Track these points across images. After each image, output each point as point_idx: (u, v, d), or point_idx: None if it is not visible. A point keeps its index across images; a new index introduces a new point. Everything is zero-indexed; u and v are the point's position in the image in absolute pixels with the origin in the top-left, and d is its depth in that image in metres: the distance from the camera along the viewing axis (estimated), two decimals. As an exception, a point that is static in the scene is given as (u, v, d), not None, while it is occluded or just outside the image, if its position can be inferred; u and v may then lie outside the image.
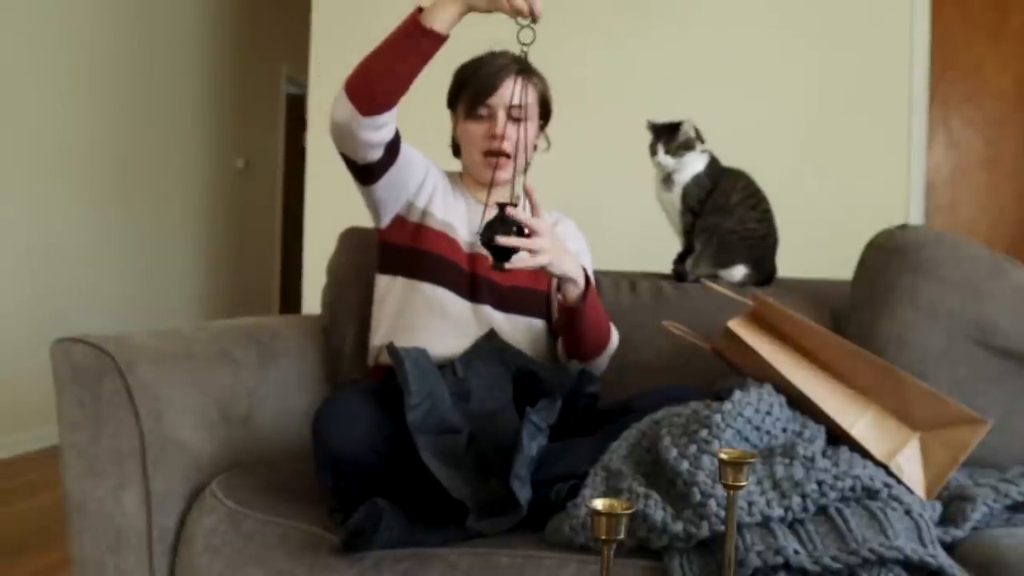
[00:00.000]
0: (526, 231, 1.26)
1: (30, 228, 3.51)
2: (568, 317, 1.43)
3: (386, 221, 1.54)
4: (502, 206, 1.25)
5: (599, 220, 2.15)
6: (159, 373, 1.31)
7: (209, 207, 4.85)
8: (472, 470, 1.18)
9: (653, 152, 1.81)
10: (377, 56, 1.30)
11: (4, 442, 3.34)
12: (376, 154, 1.41)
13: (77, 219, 3.78)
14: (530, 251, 1.26)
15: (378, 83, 1.29)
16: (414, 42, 1.27)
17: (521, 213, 1.27)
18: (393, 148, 1.43)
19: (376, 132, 1.35)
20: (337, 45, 3.32)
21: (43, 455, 3.38)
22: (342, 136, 1.37)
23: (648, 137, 1.82)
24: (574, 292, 1.39)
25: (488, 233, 1.23)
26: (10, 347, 3.38)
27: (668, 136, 1.79)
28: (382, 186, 1.48)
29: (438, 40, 1.29)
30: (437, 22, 1.27)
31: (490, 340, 1.43)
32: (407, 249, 1.52)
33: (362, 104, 1.30)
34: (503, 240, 1.23)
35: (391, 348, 1.24)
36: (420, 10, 1.28)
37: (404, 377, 1.19)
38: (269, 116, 5.60)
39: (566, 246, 1.42)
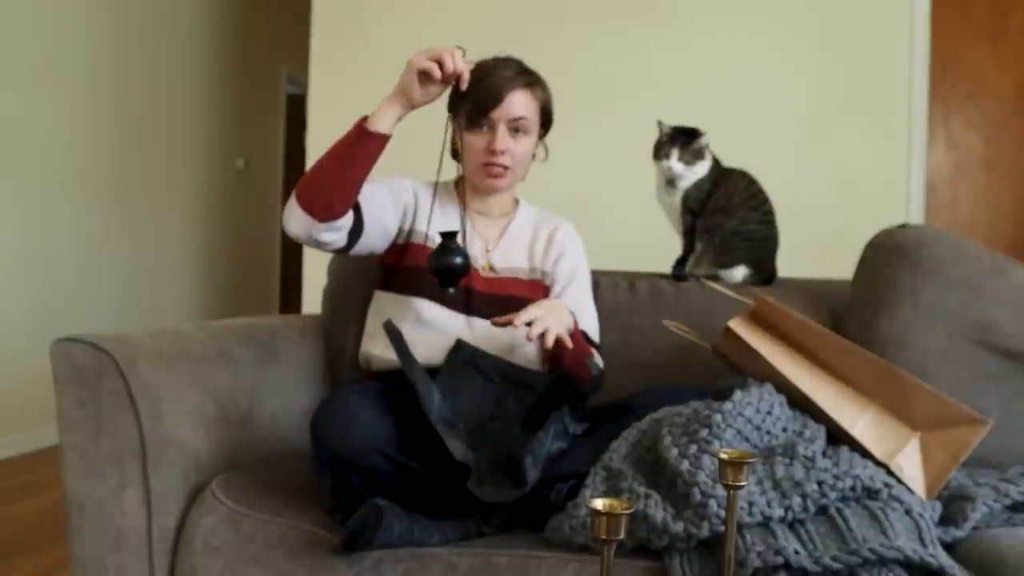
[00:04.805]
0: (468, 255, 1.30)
1: (30, 228, 3.51)
2: (553, 361, 1.44)
3: (383, 249, 1.53)
4: (445, 235, 1.29)
5: (602, 219, 2.15)
6: (159, 373, 1.31)
7: (209, 207, 4.85)
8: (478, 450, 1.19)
9: (664, 155, 1.78)
10: (327, 165, 1.33)
11: (4, 442, 3.34)
12: (341, 242, 1.41)
13: (77, 219, 3.78)
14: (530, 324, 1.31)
15: (333, 190, 1.32)
16: (362, 146, 1.31)
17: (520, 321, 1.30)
18: (357, 226, 1.42)
19: (337, 232, 1.37)
20: (337, 45, 3.32)
21: (43, 455, 3.37)
22: (302, 241, 1.38)
23: (654, 136, 1.81)
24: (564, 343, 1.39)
25: (433, 261, 1.29)
26: (10, 347, 3.37)
27: (683, 142, 1.77)
28: (362, 247, 1.46)
29: (382, 140, 1.32)
30: (382, 125, 1.31)
31: (459, 351, 1.39)
32: (396, 267, 1.52)
33: (318, 211, 1.32)
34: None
35: (388, 325, 1.27)
36: (365, 118, 1.32)
37: (407, 360, 1.23)
38: (269, 116, 5.60)
39: (552, 306, 1.40)
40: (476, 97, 1.46)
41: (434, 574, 1.08)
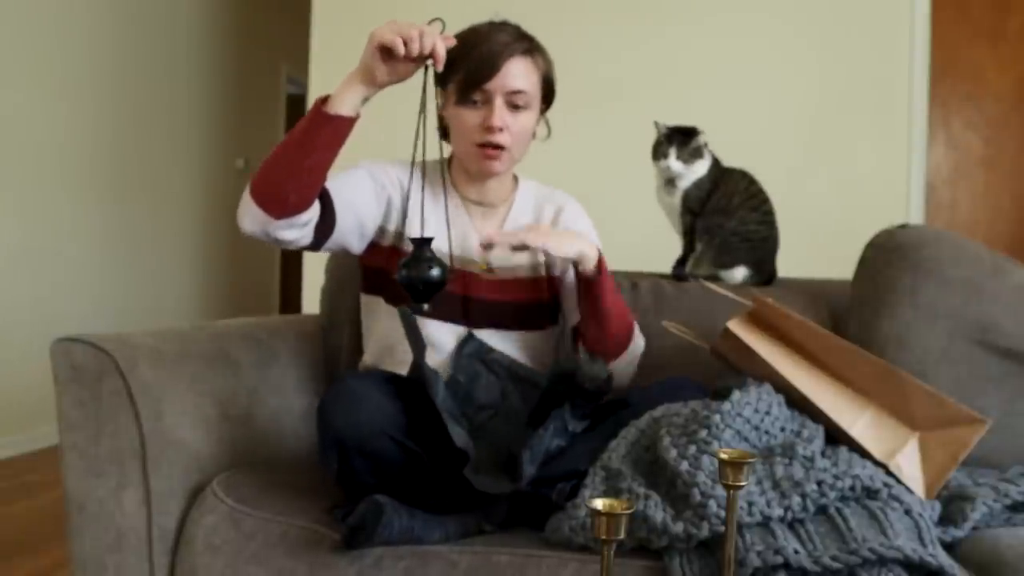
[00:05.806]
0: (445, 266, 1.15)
1: (29, 228, 3.51)
2: (587, 293, 1.30)
3: (360, 249, 1.40)
4: (417, 242, 1.15)
5: (603, 219, 2.14)
6: (159, 373, 1.31)
7: (209, 207, 4.85)
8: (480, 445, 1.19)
9: (662, 155, 1.78)
10: (283, 153, 1.18)
11: (4, 442, 3.34)
12: (305, 240, 1.26)
13: (77, 219, 3.78)
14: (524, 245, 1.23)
15: (289, 182, 1.17)
16: (322, 131, 1.16)
17: (504, 234, 1.22)
18: (327, 221, 1.27)
19: (299, 229, 1.22)
20: (337, 45, 3.32)
21: (43, 455, 3.38)
22: (259, 239, 1.23)
23: (652, 136, 1.81)
24: (589, 266, 1.28)
25: (403, 272, 1.14)
26: (10, 347, 3.38)
27: (681, 141, 1.77)
28: (335, 244, 1.32)
29: (346, 123, 1.18)
30: (343, 106, 1.17)
31: (468, 344, 1.36)
32: (384, 272, 1.38)
33: (274, 208, 1.17)
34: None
35: (402, 311, 1.22)
36: (325, 99, 1.18)
37: (418, 345, 1.20)
38: (269, 116, 5.60)
39: (568, 230, 1.30)
40: (468, 66, 1.31)
41: (434, 572, 1.09)
